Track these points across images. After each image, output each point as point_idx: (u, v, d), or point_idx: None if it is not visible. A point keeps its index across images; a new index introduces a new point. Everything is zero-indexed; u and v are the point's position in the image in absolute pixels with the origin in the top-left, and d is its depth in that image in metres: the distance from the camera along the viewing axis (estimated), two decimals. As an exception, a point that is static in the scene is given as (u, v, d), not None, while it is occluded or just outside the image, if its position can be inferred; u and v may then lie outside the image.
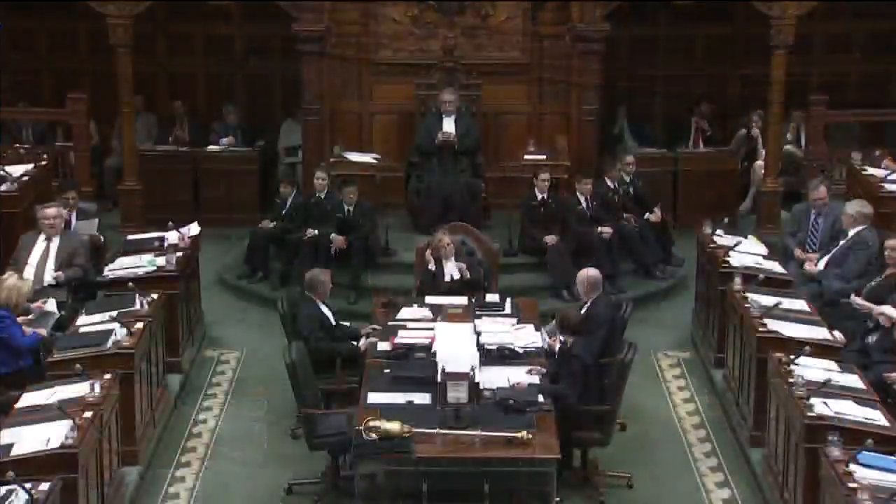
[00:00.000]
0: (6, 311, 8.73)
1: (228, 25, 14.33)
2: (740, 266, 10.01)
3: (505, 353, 8.65)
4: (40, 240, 10.25)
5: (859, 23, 14.36)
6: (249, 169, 13.52)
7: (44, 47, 14.66)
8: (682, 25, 14.18)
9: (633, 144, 13.75)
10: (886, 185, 11.58)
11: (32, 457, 6.92)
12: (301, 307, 9.31)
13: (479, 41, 12.98)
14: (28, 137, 13.86)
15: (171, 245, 10.49)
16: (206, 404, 9.87)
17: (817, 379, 7.86)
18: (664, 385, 10.23)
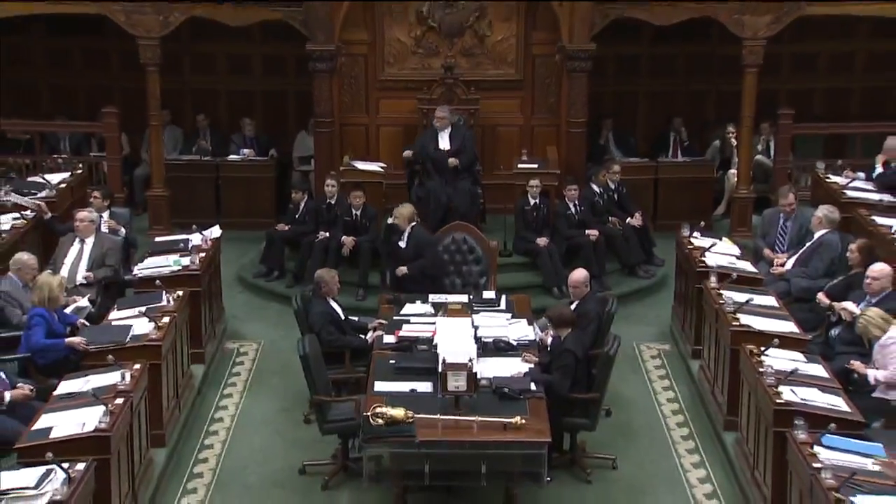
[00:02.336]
0: (41, 310, 8.72)
1: (247, 45, 14.31)
2: (715, 266, 9.99)
3: (500, 345, 8.65)
4: (76, 241, 10.29)
5: (823, 44, 14.34)
6: (266, 177, 13.53)
7: (79, 65, 14.66)
8: (662, 45, 14.16)
9: (617, 154, 13.74)
10: (847, 192, 11.61)
11: (69, 439, 6.95)
12: (313, 304, 9.31)
13: (477, 60, 12.96)
14: (65, 148, 13.85)
15: (194, 246, 10.49)
16: (226, 392, 9.88)
17: (785, 369, 7.87)
18: (646, 375, 10.23)
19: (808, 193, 12.43)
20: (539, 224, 11.81)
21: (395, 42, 12.95)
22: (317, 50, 12.57)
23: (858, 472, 6.55)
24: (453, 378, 7.69)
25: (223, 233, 11.12)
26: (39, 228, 10.97)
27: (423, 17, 12.86)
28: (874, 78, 14.66)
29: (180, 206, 12.93)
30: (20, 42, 14.31)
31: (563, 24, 12.53)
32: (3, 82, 14.28)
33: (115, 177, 13.18)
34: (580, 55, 12.55)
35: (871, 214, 10.92)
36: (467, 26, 12.87)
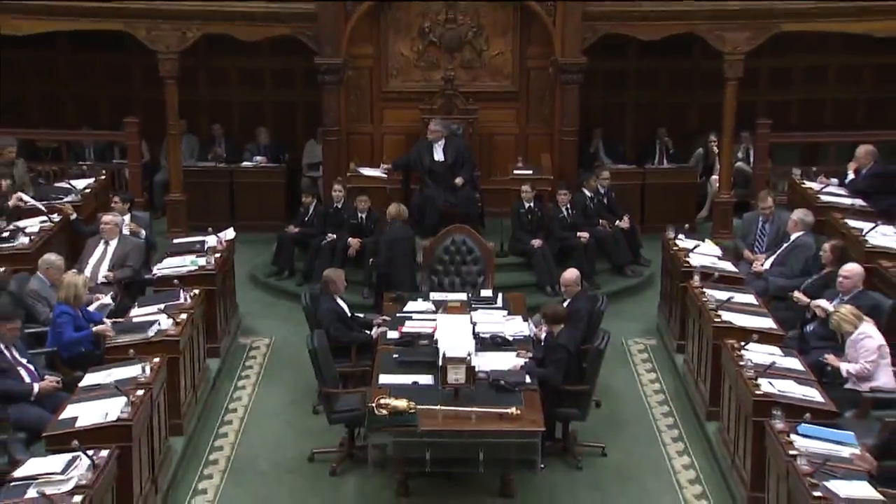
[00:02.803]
0: (67, 307, 8.73)
1: (259, 59, 14.31)
2: (698, 266, 9.99)
3: (497, 340, 8.65)
4: (101, 243, 10.28)
5: (798, 58, 14.33)
6: (277, 182, 13.50)
7: (102, 78, 14.64)
8: (648, 60, 14.16)
9: (607, 161, 13.73)
10: (822, 197, 11.62)
11: (93, 428, 6.97)
12: (321, 301, 9.30)
13: (475, 72, 12.94)
14: (90, 156, 13.84)
15: (210, 247, 10.47)
16: (240, 384, 9.88)
17: (764, 362, 7.89)
18: (633, 368, 10.23)
19: (785, 198, 12.44)
20: (533, 226, 11.79)
21: (398, 56, 12.94)
22: (324, 63, 12.57)
23: (832, 458, 6.59)
24: (453, 371, 7.70)
25: (237, 235, 11.10)
26: (66, 230, 10.95)
27: (425, 33, 12.85)
28: (845, 90, 14.66)
29: (197, 210, 12.93)
30: (48, 57, 14.34)
31: (555, 39, 12.52)
32: (33, 94, 14.34)
33: (136, 182, 13.17)
34: (572, 69, 12.56)
35: (844, 218, 10.92)
36: (466, 41, 12.86)
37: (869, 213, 11.16)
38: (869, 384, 8.06)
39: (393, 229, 10.77)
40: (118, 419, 7.01)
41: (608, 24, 12.57)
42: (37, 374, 8.07)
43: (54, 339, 8.68)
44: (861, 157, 11.99)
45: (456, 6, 12.77)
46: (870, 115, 14.33)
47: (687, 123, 14.46)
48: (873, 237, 10.26)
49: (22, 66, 14.26)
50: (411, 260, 10.72)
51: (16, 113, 13.80)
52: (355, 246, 11.43)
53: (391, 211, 10.92)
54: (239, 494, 8.00)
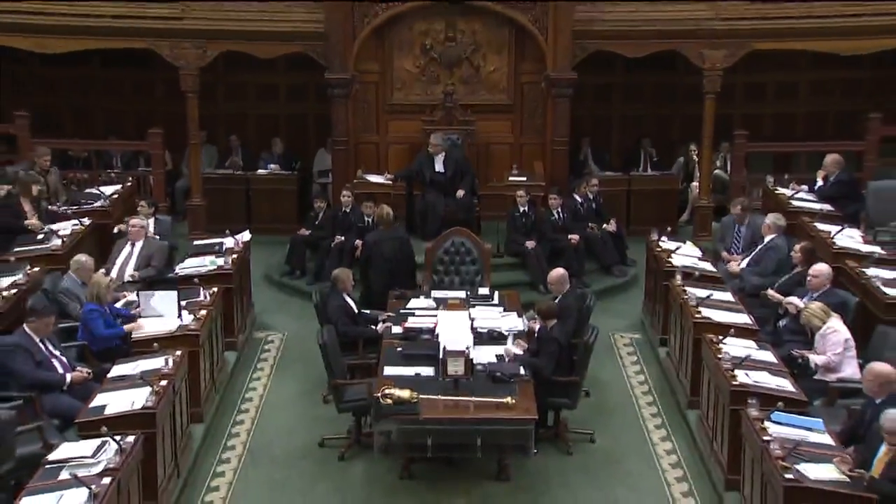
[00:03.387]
0: (95, 305, 8.73)
1: (273, 75, 14.31)
2: (680, 266, 9.99)
3: (493, 335, 8.65)
4: (128, 244, 10.28)
5: (771, 74, 14.34)
6: (290, 189, 13.47)
7: (129, 93, 14.65)
8: (633, 75, 14.17)
9: (595, 168, 13.73)
10: (793, 202, 11.61)
11: (121, 416, 6.98)
12: (330, 299, 9.29)
13: (473, 87, 12.93)
14: (117, 164, 13.83)
15: (227, 249, 10.48)
16: (255, 375, 9.87)
17: (740, 355, 7.89)
18: (620, 360, 10.22)
19: (760, 203, 12.41)
20: (527, 229, 11.79)
21: (402, 71, 12.94)
22: (334, 79, 12.59)
23: (802, 443, 6.61)
24: (452, 363, 7.70)
25: (252, 237, 11.09)
26: (95, 233, 10.95)
27: (427, 50, 12.85)
28: (815, 104, 14.66)
29: (215, 214, 12.93)
30: (80, 73, 14.31)
31: (547, 56, 12.54)
32: (65, 108, 14.35)
33: (160, 188, 13.18)
34: (562, 83, 12.57)
35: (813, 221, 10.91)
36: (464, 58, 12.85)
37: (836, 217, 11.14)
38: (836, 375, 8.08)
39: (375, 232, 10.78)
40: (143, 407, 7.03)
41: (596, 42, 12.60)
42: (69, 366, 8.10)
43: (85, 334, 8.68)
44: (829, 166, 12.02)
45: (455, 26, 12.77)
46: (837, 126, 14.33)
47: (669, 134, 14.46)
48: (840, 239, 10.26)
49: (56, 81, 14.30)
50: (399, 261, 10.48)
51: (50, 125, 13.79)
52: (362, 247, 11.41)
53: (377, 214, 10.94)
54: (254, 477, 8.00)
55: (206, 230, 12.41)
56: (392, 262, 10.41)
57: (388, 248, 10.46)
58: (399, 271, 10.43)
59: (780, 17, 12.56)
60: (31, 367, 7.83)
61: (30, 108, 13.12)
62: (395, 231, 10.77)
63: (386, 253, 10.44)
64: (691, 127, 13.49)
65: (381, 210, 10.88)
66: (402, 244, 10.62)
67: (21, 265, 9.62)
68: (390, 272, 10.35)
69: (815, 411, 7.39)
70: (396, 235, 10.70)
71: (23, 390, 7.71)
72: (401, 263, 10.49)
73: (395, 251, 10.46)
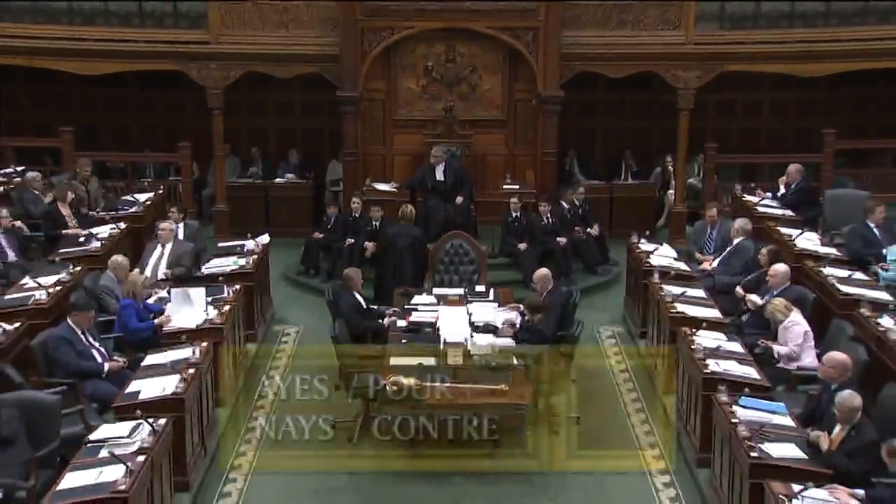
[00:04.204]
0: (130, 300, 8.76)
1: (290, 93, 14.32)
2: (657, 265, 10.00)
3: (489, 328, 8.66)
4: (158, 246, 10.28)
5: (738, 94, 14.35)
6: (305, 196, 13.44)
7: (161, 110, 14.63)
8: (615, 93, 14.16)
9: (580, 178, 13.73)
10: (759, 208, 11.64)
11: (153, 400, 7.01)
12: (341, 295, 9.28)
13: (470, 104, 12.90)
14: (150, 174, 13.83)
15: (249, 250, 10.49)
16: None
17: (711, 346, 7.92)
18: (603, 350, 10.19)
19: (729, 209, 12.44)
20: (520, 232, 11.79)
21: (406, 90, 12.93)
22: (345, 96, 12.59)
23: (766, 425, 6.65)
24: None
25: (271, 239, 11.08)
26: (130, 236, 10.97)
27: (428, 71, 12.84)
28: (776, 120, 14.66)
29: (238, 219, 12.90)
30: (117, 93, 14.30)
31: (538, 76, 12.54)
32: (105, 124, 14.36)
33: (188, 196, 13.19)
34: (551, 100, 12.57)
35: (777, 225, 10.94)
36: (463, 78, 12.85)
37: (797, 221, 11.19)
38: (796, 363, 8.10)
39: (397, 225, 10.84)
40: (173, 393, 7.05)
41: (582, 63, 12.60)
42: (107, 356, 8.12)
43: (120, 327, 8.71)
44: (790, 175, 12.05)
45: (455, 49, 12.76)
46: (796, 140, 14.32)
47: (647, 146, 14.44)
48: (800, 241, 10.31)
49: (96, 100, 14.30)
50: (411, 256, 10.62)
51: (91, 139, 13.81)
52: (371, 249, 11.41)
53: (401, 211, 11.02)
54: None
55: (230, 233, 12.39)
56: (403, 255, 10.54)
57: (402, 242, 10.65)
58: (408, 265, 10.51)
59: (745, 43, 12.61)
60: (74, 357, 7.86)
61: (73, 124, 13.16)
62: (411, 228, 10.86)
63: (399, 245, 10.61)
64: (667, 140, 13.50)
65: (404, 208, 11.04)
66: (415, 241, 10.74)
67: (65, 265, 9.67)
68: (400, 264, 10.48)
69: (778, 396, 7.42)
70: (412, 233, 10.80)
71: (66, 378, 7.75)
72: (411, 259, 10.59)
73: (407, 246, 10.60)
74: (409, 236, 10.77)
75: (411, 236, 10.80)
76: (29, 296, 8.82)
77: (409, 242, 10.74)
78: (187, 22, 12.64)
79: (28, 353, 7.95)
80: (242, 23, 12.54)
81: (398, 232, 10.81)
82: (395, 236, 10.77)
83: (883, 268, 9.74)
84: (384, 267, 10.69)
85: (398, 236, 10.76)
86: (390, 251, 10.68)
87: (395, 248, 10.67)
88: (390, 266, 10.61)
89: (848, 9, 12.46)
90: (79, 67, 12.67)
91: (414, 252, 10.70)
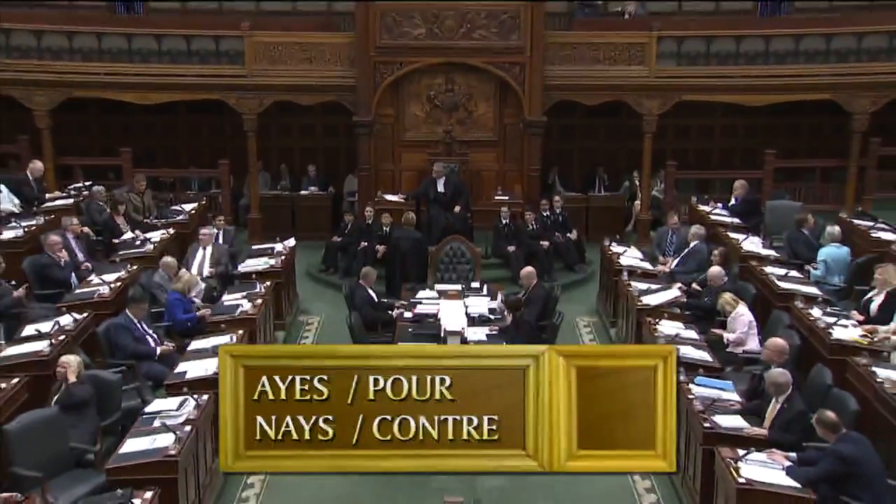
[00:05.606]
0: (178, 294, 8.82)
1: (313, 117, 14.33)
2: (626, 265, 10.04)
3: (483, 318, 8.70)
4: (200, 249, 10.33)
5: (694, 119, 14.36)
6: (325, 205, 13.43)
7: (205, 133, 14.61)
8: (590, 118, 14.18)
9: (561, 190, 13.76)
10: (711, 216, 11.68)
11: (198, 379, 7.07)
12: (356, 290, 9.32)
13: (467, 127, 12.93)
14: (194, 187, 13.87)
15: (278, 252, 10.54)
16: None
17: (671, 333, 8.00)
18: (580, 338, 10.23)
19: (687, 217, 12.44)
20: (509, 236, 11.82)
21: (412, 115, 12.96)
22: (360, 121, 12.63)
23: (717, 400, 6.71)
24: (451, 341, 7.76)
25: (297, 243, 11.12)
26: (178, 240, 11.01)
27: (431, 99, 12.88)
28: (726, 142, 14.59)
29: (268, 225, 12.89)
30: (168, 119, 14.31)
31: (524, 103, 12.59)
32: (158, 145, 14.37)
33: (227, 205, 13.19)
34: (536, 124, 12.62)
35: (727, 231, 11.00)
36: (460, 105, 12.89)
37: (743, 227, 11.24)
38: (742, 348, 8.17)
39: (400, 230, 10.93)
40: (215, 373, 6.93)
41: (561, 93, 12.66)
42: (159, 341, 8.19)
43: (169, 317, 8.78)
44: (737, 189, 12.10)
45: (453, 80, 12.80)
46: (742, 159, 14.31)
47: (617, 164, 14.45)
48: (746, 245, 10.37)
49: (151, 125, 14.30)
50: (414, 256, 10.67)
51: (146, 158, 13.85)
52: (381, 251, 11.44)
53: (403, 217, 11.11)
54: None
55: (262, 238, 12.42)
56: (406, 255, 10.58)
57: (405, 244, 10.70)
58: (412, 263, 10.57)
59: (699, 77, 12.66)
60: (131, 341, 7.95)
61: (132, 146, 13.19)
62: (412, 232, 10.93)
63: (402, 247, 10.65)
64: (634, 159, 13.54)
65: (406, 215, 11.07)
66: (416, 243, 10.78)
67: (123, 265, 9.74)
68: (404, 263, 10.54)
69: (727, 376, 7.47)
70: (413, 236, 10.86)
71: (124, 359, 7.82)
72: (414, 258, 10.63)
73: (409, 247, 10.66)
74: (410, 239, 10.82)
75: (412, 239, 10.85)
76: (94, 290, 8.89)
77: (411, 244, 10.80)
78: (227, 59, 12.69)
79: (94, 338, 8.03)
80: (273, 59, 12.60)
81: (401, 236, 10.86)
82: (398, 239, 10.82)
83: (814, 267, 9.82)
84: (392, 266, 10.76)
85: (401, 239, 10.82)
86: (396, 252, 10.73)
87: (399, 250, 10.73)
88: (397, 264, 10.67)
89: (782, 50, 12.61)
90: (138, 98, 12.77)
91: (416, 252, 10.74)
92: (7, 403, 6.65)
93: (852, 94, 12.56)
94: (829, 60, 12.54)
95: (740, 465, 5.90)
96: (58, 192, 12.13)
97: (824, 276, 9.64)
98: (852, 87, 12.52)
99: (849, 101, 12.64)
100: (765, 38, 12.61)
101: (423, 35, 12.40)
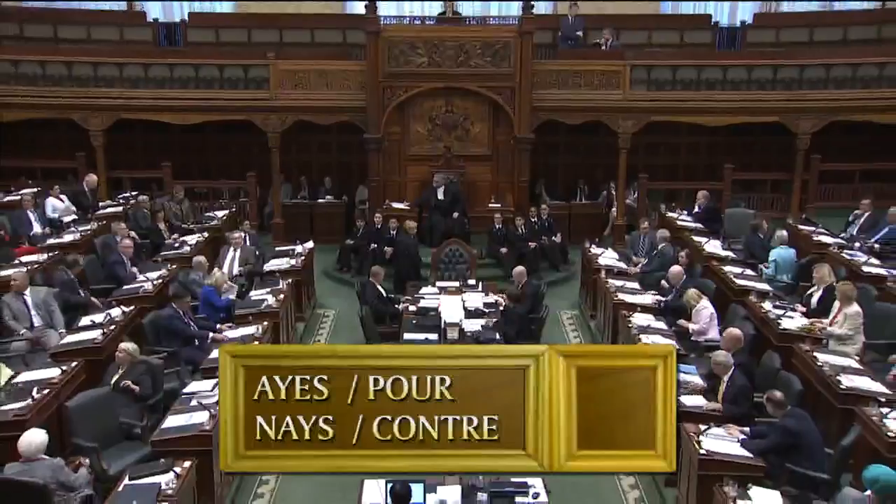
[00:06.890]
0: (212, 290, 8.88)
1: (329, 135, 14.33)
2: (604, 265, 10.07)
3: (479, 312, 8.73)
4: (230, 250, 10.38)
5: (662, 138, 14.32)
6: (339, 212, 13.40)
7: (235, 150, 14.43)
8: (572, 136, 14.18)
9: (547, 199, 13.76)
10: (678, 222, 11.74)
11: (229, 364, 7.10)
12: (367, 287, 9.35)
13: (465, 143, 12.93)
14: (226, 197, 13.81)
15: (298, 253, 10.56)
16: (316, 339, 9.91)
17: (643, 324, 8.05)
18: (564, 329, 10.27)
19: (656, 223, 12.43)
20: (502, 239, 11.85)
21: (416, 133, 12.98)
22: (370, 138, 12.67)
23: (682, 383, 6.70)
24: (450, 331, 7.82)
25: (314, 245, 11.13)
26: (211, 243, 11.05)
27: (432, 119, 12.89)
28: (690, 158, 14.53)
29: (290, 229, 12.90)
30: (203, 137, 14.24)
31: (515, 123, 12.62)
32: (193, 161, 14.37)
33: (254, 212, 13.23)
34: (525, 141, 12.65)
35: (691, 235, 11.05)
36: (458, 124, 12.91)
37: (706, 232, 11.30)
38: (704, 337, 8.22)
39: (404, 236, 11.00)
40: (245, 359, 7.16)
41: (547, 113, 12.70)
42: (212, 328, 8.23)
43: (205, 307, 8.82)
44: (700, 198, 12.15)
45: (452, 102, 12.80)
46: (705, 172, 14.28)
47: (596, 176, 14.44)
48: (708, 247, 10.42)
49: (188, 142, 14.28)
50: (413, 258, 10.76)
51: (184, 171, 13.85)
52: (389, 252, 11.48)
53: (405, 224, 11.11)
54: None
55: (284, 240, 12.41)
56: (406, 258, 10.67)
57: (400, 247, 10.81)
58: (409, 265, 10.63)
59: (666, 100, 12.72)
60: (186, 327, 8.03)
61: (171, 161, 13.26)
62: (408, 238, 10.98)
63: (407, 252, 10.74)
64: (610, 172, 13.55)
65: (406, 223, 11.12)
66: (407, 247, 10.82)
67: (164, 264, 9.82)
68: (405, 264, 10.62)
69: (691, 361, 7.53)
70: (407, 241, 10.92)
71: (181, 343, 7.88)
72: (410, 260, 10.68)
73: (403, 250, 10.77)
74: (404, 243, 10.90)
75: (406, 243, 10.92)
76: (139, 286, 8.97)
77: (405, 248, 10.86)
78: (255, 84, 12.77)
79: (139, 328, 8.09)
80: (294, 84, 12.67)
81: (400, 240, 10.96)
82: (398, 244, 10.92)
83: (765, 266, 9.89)
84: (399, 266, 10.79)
85: (401, 244, 10.91)
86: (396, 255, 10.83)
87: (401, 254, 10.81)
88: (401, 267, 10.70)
89: (737, 79, 12.76)
90: (178, 118, 12.86)
91: (407, 254, 10.80)
92: (68, 384, 6.75)
93: (797, 117, 12.79)
94: (777, 88, 12.79)
95: (702, 438, 5.99)
96: (109, 201, 12.25)
97: (774, 274, 9.69)
98: (797, 111, 12.74)
99: (794, 123, 12.84)
100: (722, 68, 12.77)
101: (425, 63, 12.46)
